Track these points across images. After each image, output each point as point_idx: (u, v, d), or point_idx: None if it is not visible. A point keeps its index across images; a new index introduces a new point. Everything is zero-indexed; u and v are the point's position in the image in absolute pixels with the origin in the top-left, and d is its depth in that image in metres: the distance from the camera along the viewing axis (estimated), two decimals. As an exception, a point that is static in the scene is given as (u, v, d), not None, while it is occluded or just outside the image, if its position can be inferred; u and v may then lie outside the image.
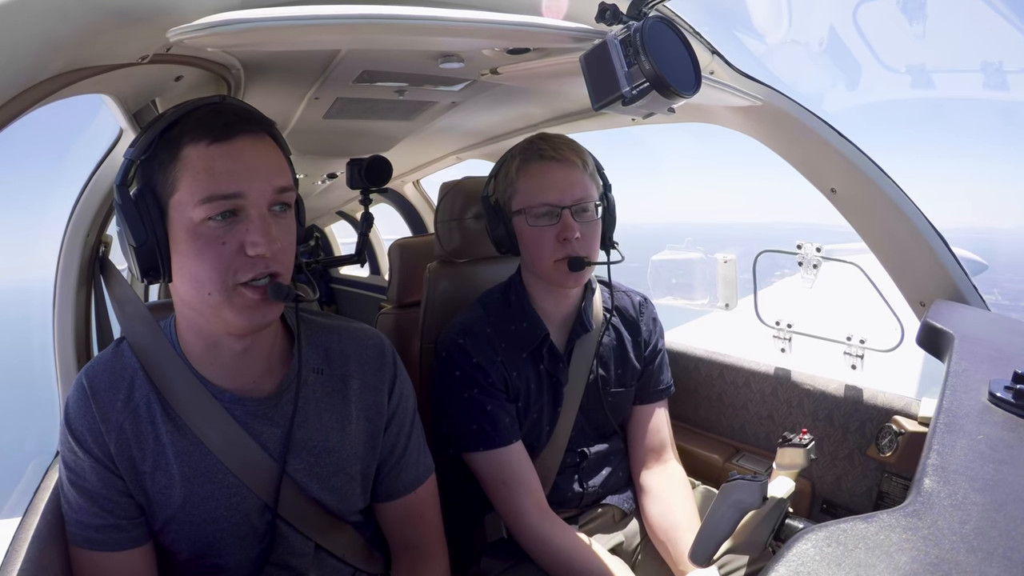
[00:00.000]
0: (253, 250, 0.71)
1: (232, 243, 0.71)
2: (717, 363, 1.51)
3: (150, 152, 0.71)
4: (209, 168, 0.70)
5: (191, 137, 0.70)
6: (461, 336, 1.12)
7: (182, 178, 0.70)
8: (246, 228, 0.71)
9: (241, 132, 0.72)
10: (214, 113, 0.72)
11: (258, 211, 0.72)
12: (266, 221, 0.72)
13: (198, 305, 0.74)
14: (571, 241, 1.07)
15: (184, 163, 0.70)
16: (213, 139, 0.70)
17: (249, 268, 0.72)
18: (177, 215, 0.71)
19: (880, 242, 1.23)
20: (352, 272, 4.00)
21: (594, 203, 1.10)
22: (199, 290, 0.72)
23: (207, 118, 0.72)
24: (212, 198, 0.69)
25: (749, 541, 0.79)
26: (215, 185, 0.69)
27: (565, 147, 1.09)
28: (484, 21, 0.77)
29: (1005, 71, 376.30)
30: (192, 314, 0.78)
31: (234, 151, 0.71)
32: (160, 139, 0.71)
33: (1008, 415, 0.64)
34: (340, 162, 2.05)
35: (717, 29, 3.01)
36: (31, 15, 0.59)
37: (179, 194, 0.70)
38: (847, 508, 1.29)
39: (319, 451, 0.85)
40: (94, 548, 0.78)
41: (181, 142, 0.71)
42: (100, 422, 0.76)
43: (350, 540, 0.92)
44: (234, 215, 0.71)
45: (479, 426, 1.08)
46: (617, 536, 1.19)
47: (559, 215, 1.07)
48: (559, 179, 1.08)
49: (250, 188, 0.71)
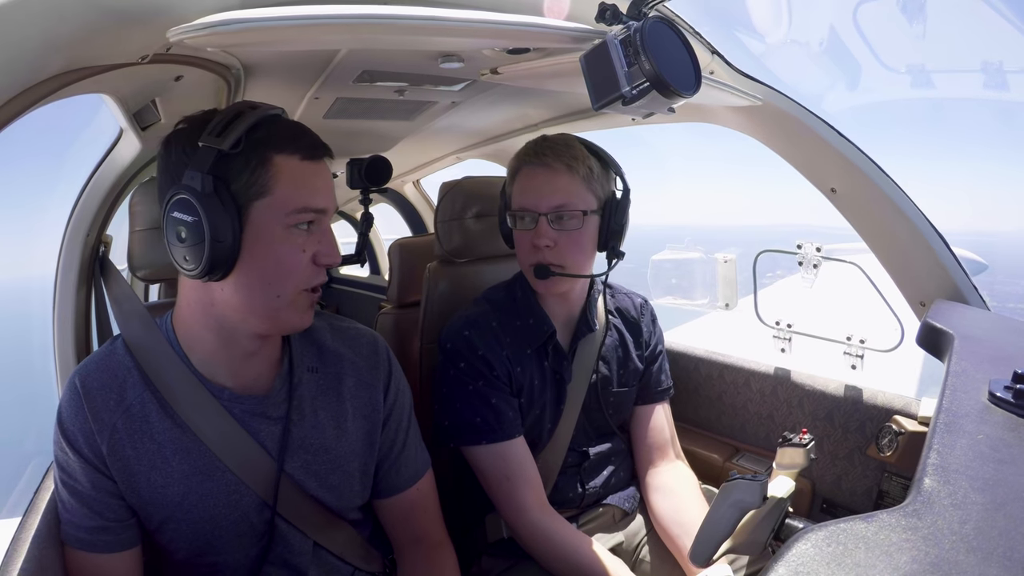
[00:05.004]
0: (327, 260, 0.78)
1: (309, 251, 0.77)
2: (717, 363, 1.51)
3: (238, 148, 0.72)
4: (307, 182, 0.75)
5: (282, 147, 0.74)
6: (467, 328, 1.12)
7: (276, 184, 0.73)
8: (319, 240, 0.77)
9: (324, 154, 0.79)
10: (301, 131, 0.78)
11: (327, 225, 0.79)
12: (333, 235, 0.80)
13: (254, 304, 0.76)
14: (540, 249, 1.07)
15: (279, 170, 0.73)
16: (305, 155, 0.76)
17: (318, 276, 0.78)
18: (262, 218, 0.73)
19: (880, 242, 1.23)
20: (352, 272, 4.00)
21: (580, 211, 1.07)
22: (266, 291, 0.75)
23: (297, 134, 0.76)
24: (307, 209, 0.75)
25: (749, 541, 0.79)
26: (311, 198, 0.75)
27: (554, 152, 1.07)
28: (484, 21, 0.77)
29: (1005, 71, 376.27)
30: (226, 312, 0.77)
31: (322, 170, 0.78)
32: (246, 138, 0.72)
33: (1008, 415, 0.64)
34: (340, 162, 2.04)
35: (717, 29, 3.01)
36: (31, 15, 0.58)
37: (269, 199, 0.73)
38: (847, 508, 1.29)
39: (316, 449, 0.86)
40: (84, 549, 0.78)
41: (271, 148, 0.73)
42: (92, 422, 0.76)
43: (349, 538, 0.92)
44: (309, 226, 0.77)
45: (483, 419, 1.08)
46: (617, 536, 1.19)
47: (536, 220, 1.08)
48: (539, 185, 1.07)
49: (329, 206, 0.78)
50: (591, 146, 1.13)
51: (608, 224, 1.11)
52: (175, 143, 0.75)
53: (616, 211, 1.11)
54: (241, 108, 0.75)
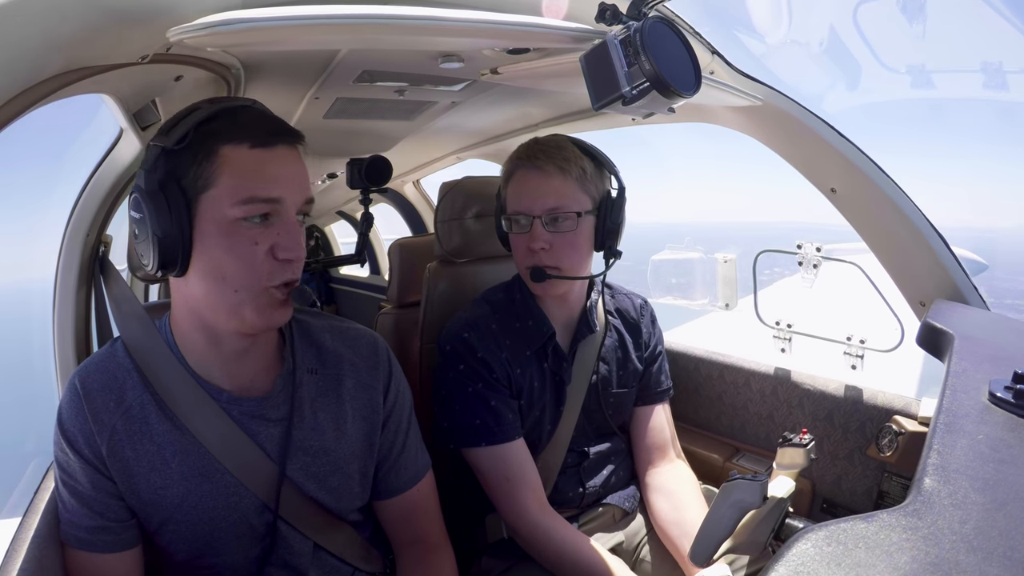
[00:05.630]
0: (285, 254, 0.73)
1: (264, 245, 0.73)
2: (717, 363, 1.51)
3: (183, 144, 0.71)
4: (254, 170, 0.72)
5: (231, 137, 0.71)
6: (466, 330, 1.12)
7: (221, 175, 0.71)
8: (278, 232, 0.73)
9: (281, 141, 0.74)
10: (257, 118, 0.74)
11: (289, 218, 0.74)
12: (296, 228, 0.75)
13: (214, 301, 0.74)
14: (536, 252, 1.07)
15: (224, 161, 0.71)
16: (256, 143, 0.72)
17: (280, 273, 0.74)
18: (209, 210, 0.71)
19: (880, 242, 1.23)
20: (352, 272, 4.00)
21: (574, 212, 1.07)
22: (222, 287, 0.73)
23: (249, 122, 0.73)
24: (254, 199, 0.71)
25: (749, 541, 0.79)
26: (258, 187, 0.71)
27: (546, 154, 1.07)
28: (484, 21, 0.77)
29: (1005, 71, 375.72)
30: (201, 309, 0.77)
31: (277, 158, 0.73)
32: (194, 132, 0.71)
33: (1008, 415, 0.64)
34: (340, 162, 2.05)
35: (717, 29, 3.01)
36: (31, 15, 0.59)
37: (215, 190, 0.71)
38: (847, 508, 1.29)
39: (316, 450, 0.85)
40: (84, 548, 0.78)
41: (219, 140, 0.71)
42: (92, 423, 0.76)
43: (349, 539, 0.92)
44: (266, 219, 0.73)
45: (482, 421, 1.08)
46: (617, 536, 1.19)
47: (531, 223, 1.08)
48: (533, 187, 1.07)
49: (287, 195, 0.73)
50: (584, 146, 1.12)
51: (604, 224, 1.11)
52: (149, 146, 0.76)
53: (611, 210, 1.11)
54: (199, 104, 0.75)
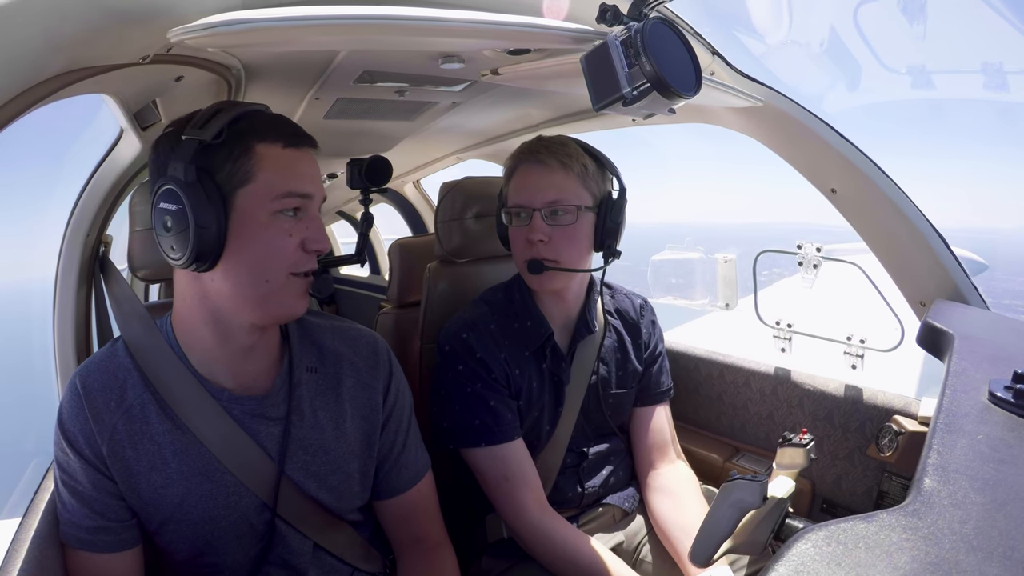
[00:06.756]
0: (315, 245, 0.78)
1: (296, 237, 0.77)
2: (717, 363, 1.51)
3: (220, 138, 0.73)
4: (288, 168, 0.76)
5: (264, 136, 0.75)
6: (465, 331, 1.13)
7: (259, 171, 0.74)
8: (307, 226, 0.78)
9: (306, 143, 0.79)
10: (281, 121, 0.79)
11: (315, 213, 0.80)
12: (321, 222, 0.81)
13: (243, 292, 0.76)
14: (534, 244, 1.08)
15: (260, 158, 0.74)
16: (288, 143, 0.77)
17: (307, 261, 0.79)
18: (247, 204, 0.74)
19: (880, 242, 1.23)
20: (352, 272, 4.00)
21: (574, 206, 1.08)
22: (254, 277, 0.75)
23: (278, 124, 0.78)
24: (291, 194, 0.76)
25: (749, 541, 0.79)
26: (293, 183, 0.76)
27: (548, 150, 1.09)
28: (484, 22, 0.77)
29: (1005, 72, 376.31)
30: (221, 303, 0.77)
31: (305, 157, 0.79)
32: (229, 129, 0.73)
33: (1008, 415, 0.64)
34: (340, 162, 2.05)
35: (718, 30, 3.02)
36: (31, 15, 0.59)
37: (253, 185, 0.74)
38: (847, 508, 1.29)
39: (315, 449, 0.86)
40: (84, 548, 0.78)
41: (254, 138, 0.75)
42: (93, 423, 0.76)
43: (348, 539, 0.92)
44: (296, 213, 0.77)
45: (481, 421, 1.08)
46: (617, 536, 1.19)
47: (531, 216, 1.08)
48: (534, 181, 1.09)
49: (315, 192, 0.79)
50: (586, 146, 1.14)
51: (604, 223, 1.11)
52: (163, 142, 0.77)
53: (612, 210, 1.12)
54: (222, 105, 0.77)
